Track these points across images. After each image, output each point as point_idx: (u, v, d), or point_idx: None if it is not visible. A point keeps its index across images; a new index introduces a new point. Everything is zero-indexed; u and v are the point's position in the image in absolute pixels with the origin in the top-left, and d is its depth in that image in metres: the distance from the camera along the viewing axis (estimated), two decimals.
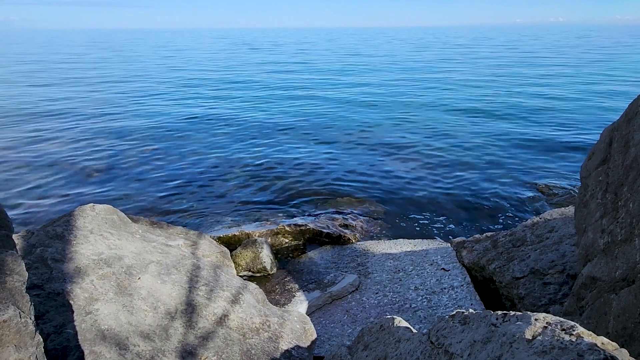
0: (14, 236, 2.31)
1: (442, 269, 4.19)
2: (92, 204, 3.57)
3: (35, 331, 1.42)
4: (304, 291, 4.04)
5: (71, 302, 2.43)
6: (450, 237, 5.35)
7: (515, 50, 40.81)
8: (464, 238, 4.72)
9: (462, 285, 3.85)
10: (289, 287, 4.17)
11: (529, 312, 1.24)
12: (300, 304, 3.83)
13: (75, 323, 2.32)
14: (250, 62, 33.46)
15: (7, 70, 27.48)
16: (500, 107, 13.81)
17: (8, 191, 7.18)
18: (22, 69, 28.27)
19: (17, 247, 1.93)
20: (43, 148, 9.75)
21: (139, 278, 2.84)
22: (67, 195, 7.09)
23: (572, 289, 2.60)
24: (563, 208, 4.43)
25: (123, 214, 3.80)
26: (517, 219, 5.98)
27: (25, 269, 1.55)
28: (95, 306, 2.47)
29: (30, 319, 1.43)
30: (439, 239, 5.19)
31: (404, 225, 5.90)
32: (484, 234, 4.54)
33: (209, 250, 4.14)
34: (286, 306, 3.80)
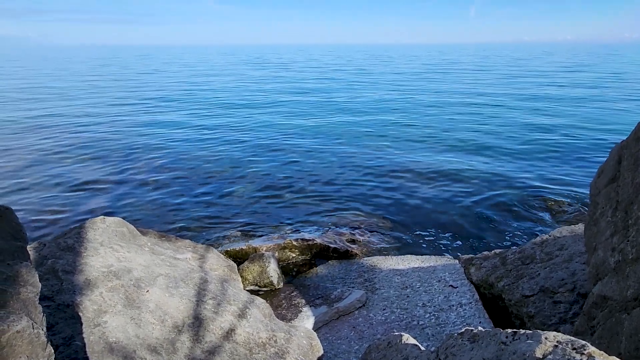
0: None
1: (450, 285, 4.15)
2: (102, 217, 3.61)
3: (47, 342, 1.44)
4: (310, 306, 4.02)
5: (80, 314, 2.45)
6: (458, 253, 5.31)
7: (523, 67, 40.95)
8: (472, 255, 4.68)
9: (470, 303, 3.81)
10: (296, 302, 4.15)
11: (539, 331, 1.24)
12: (306, 319, 3.81)
13: (84, 335, 2.33)
14: (252, 78, 33.91)
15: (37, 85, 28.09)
16: (507, 122, 13.81)
17: (22, 203, 7.28)
18: (37, 84, 28.89)
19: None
20: (55, 161, 9.90)
21: (148, 291, 2.86)
22: (78, 207, 7.17)
23: (582, 308, 2.56)
24: (573, 226, 4.39)
25: (132, 226, 3.84)
26: (525, 236, 5.92)
27: (38, 280, 1.58)
28: (104, 318, 2.49)
29: (42, 330, 1.45)
30: (446, 255, 5.15)
31: (412, 241, 5.87)
32: (493, 251, 4.51)
33: (217, 263, 4.15)
34: (293, 321, 3.78)
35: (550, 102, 18.16)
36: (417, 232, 6.10)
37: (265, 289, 4.44)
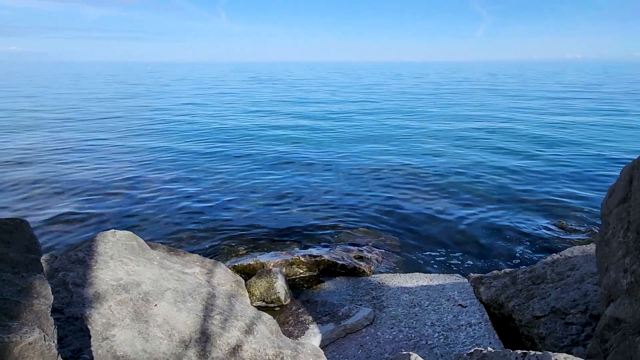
0: None
1: (459, 305, 4.10)
2: (113, 230, 3.65)
3: (58, 355, 1.45)
4: (317, 323, 3.99)
5: (89, 327, 2.47)
6: (468, 272, 5.25)
7: (541, 85, 40.96)
8: (481, 273, 4.63)
9: (480, 323, 3.75)
10: (303, 318, 4.12)
11: (549, 352, 1.22)
12: (313, 337, 3.77)
13: (92, 348, 2.34)
14: (261, 94, 34.34)
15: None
16: (519, 140, 13.77)
17: (34, 216, 7.38)
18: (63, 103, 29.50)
19: None
20: (67, 174, 10.06)
21: (156, 305, 2.87)
22: (90, 220, 7.25)
23: (595, 330, 2.52)
24: (584, 245, 4.33)
25: (142, 240, 3.87)
26: (536, 255, 5.84)
27: (51, 292, 1.60)
28: (112, 332, 2.50)
29: (54, 342, 1.47)
30: (455, 273, 5.09)
31: (420, 258, 5.82)
32: (503, 270, 4.45)
33: (224, 278, 4.15)
34: (299, 338, 3.75)
35: (561, 119, 18.08)
36: (426, 250, 6.05)
37: (272, 304, 4.42)
